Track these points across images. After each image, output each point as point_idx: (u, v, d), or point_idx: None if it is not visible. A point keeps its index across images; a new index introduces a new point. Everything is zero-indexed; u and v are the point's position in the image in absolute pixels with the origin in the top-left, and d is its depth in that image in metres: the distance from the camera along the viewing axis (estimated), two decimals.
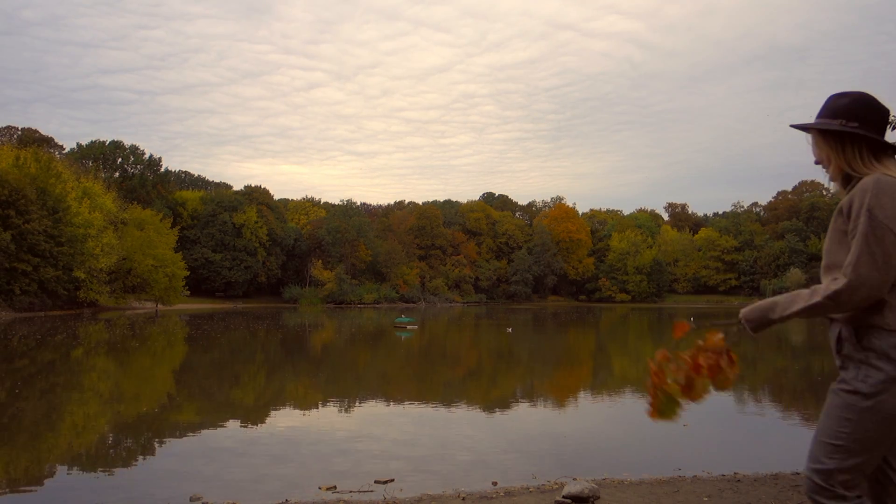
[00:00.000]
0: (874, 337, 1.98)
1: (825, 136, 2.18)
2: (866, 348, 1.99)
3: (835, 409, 2.02)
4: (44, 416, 9.33)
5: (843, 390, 2.02)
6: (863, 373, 1.98)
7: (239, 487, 5.65)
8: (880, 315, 1.97)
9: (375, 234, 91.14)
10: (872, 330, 1.99)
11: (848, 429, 1.97)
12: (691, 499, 4.91)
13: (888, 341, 1.95)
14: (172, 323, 37.12)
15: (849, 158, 2.13)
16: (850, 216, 2.04)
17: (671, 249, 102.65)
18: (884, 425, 1.95)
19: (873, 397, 1.94)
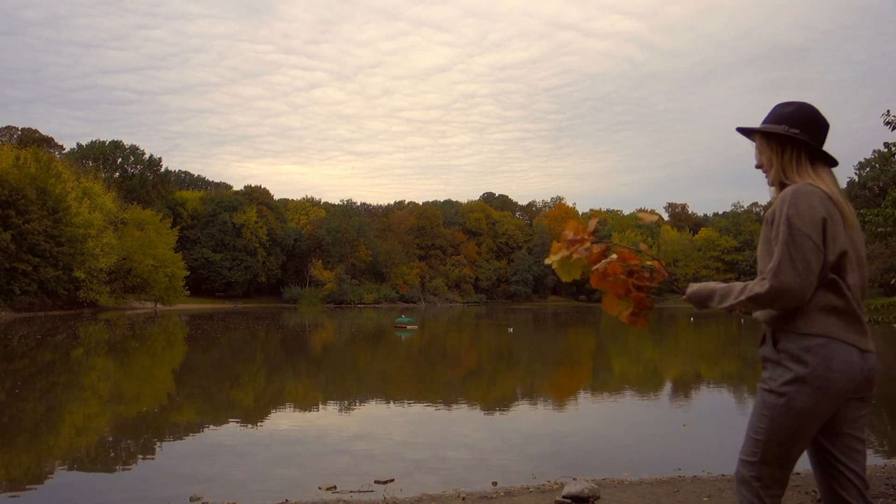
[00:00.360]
0: (786, 339, 2.10)
1: (768, 140, 2.26)
2: (780, 350, 2.11)
3: (757, 406, 2.15)
4: (44, 416, 9.33)
5: (763, 389, 2.14)
6: (777, 373, 2.10)
7: (239, 487, 5.65)
8: (792, 319, 2.09)
9: (375, 234, 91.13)
10: (785, 333, 2.11)
11: (765, 424, 2.10)
12: (691, 499, 4.91)
13: (798, 343, 2.07)
14: (172, 323, 37.11)
15: (785, 164, 2.21)
16: (773, 224, 2.12)
17: (671, 249, 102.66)
18: (796, 422, 2.07)
19: (785, 395, 2.06)
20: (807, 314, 2.07)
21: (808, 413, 2.05)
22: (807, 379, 2.04)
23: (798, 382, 2.04)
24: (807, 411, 2.05)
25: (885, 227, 5.92)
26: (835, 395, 2.06)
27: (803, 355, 2.05)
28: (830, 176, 2.22)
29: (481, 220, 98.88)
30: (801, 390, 2.04)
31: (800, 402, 2.04)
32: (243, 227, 78.27)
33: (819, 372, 2.04)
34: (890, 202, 5.82)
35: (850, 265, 2.11)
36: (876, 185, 61.27)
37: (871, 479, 5.49)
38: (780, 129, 2.22)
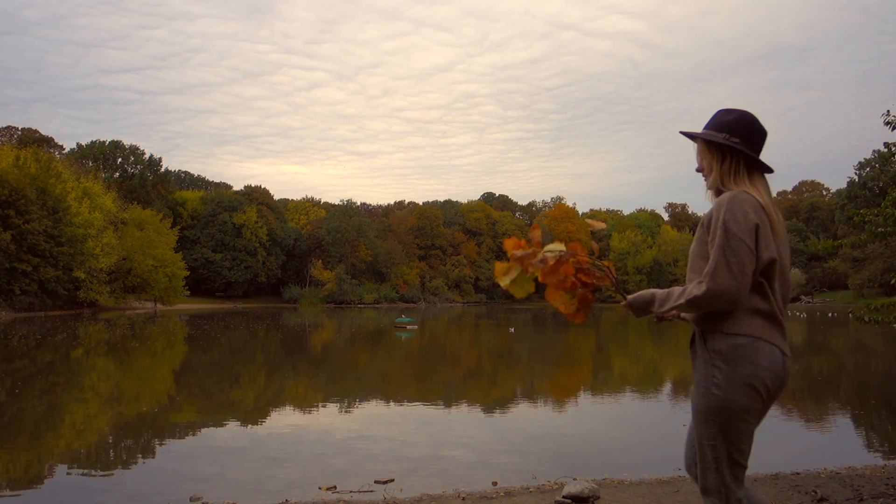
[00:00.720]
0: (715, 340, 2.16)
1: (709, 146, 2.33)
2: (711, 350, 2.17)
3: (696, 409, 2.19)
4: (44, 416, 9.33)
5: (697, 392, 2.19)
6: (710, 373, 2.15)
7: (239, 487, 5.65)
8: (721, 320, 2.16)
9: (375, 234, 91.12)
10: (714, 333, 2.17)
11: (713, 428, 2.14)
12: (691, 499, 4.91)
13: (727, 343, 2.14)
14: (172, 323, 37.12)
15: (724, 172, 2.29)
16: (709, 228, 2.20)
17: (671, 249, 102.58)
18: (736, 420, 2.12)
19: (719, 397, 2.12)
20: (734, 315, 2.15)
21: (746, 409, 2.11)
22: (737, 377, 2.11)
23: (731, 382, 2.11)
24: (742, 408, 2.11)
25: (885, 227, 5.91)
26: (766, 391, 2.13)
27: (731, 354, 2.12)
28: (764, 184, 2.30)
29: (481, 220, 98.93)
30: (733, 388, 2.10)
31: (736, 401, 2.11)
32: (243, 227, 78.27)
33: (746, 370, 2.11)
34: (890, 202, 5.82)
35: (777, 272, 2.20)
36: (876, 185, 61.27)
37: (871, 478, 5.49)
38: (721, 138, 2.29)
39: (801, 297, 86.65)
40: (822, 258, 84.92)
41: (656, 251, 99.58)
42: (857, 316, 6.24)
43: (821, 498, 4.81)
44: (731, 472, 2.18)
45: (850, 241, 6.42)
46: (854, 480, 5.40)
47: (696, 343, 2.25)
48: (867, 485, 5.21)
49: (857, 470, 5.98)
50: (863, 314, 6.14)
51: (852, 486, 5.16)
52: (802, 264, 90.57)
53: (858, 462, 6.45)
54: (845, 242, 6.47)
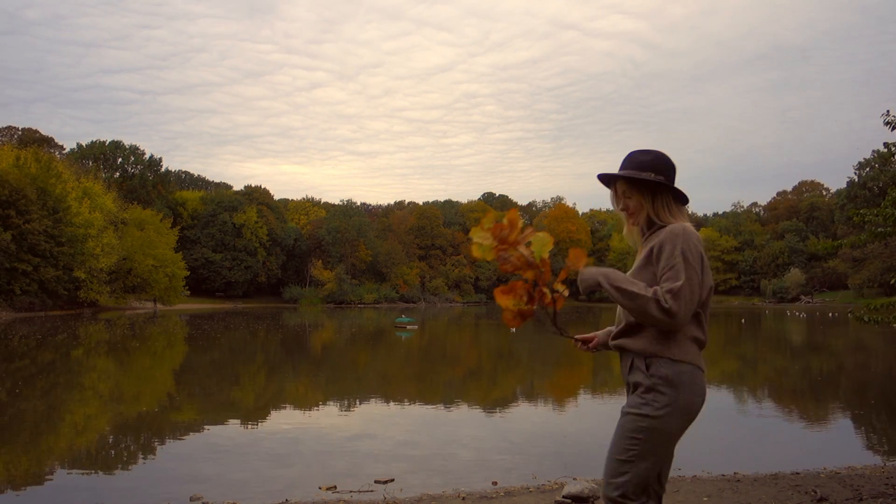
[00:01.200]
0: (661, 366, 2.25)
1: (638, 186, 2.43)
2: (653, 375, 2.24)
3: (627, 430, 2.24)
4: (44, 416, 9.34)
5: (633, 413, 2.25)
6: (650, 397, 2.23)
7: (239, 487, 5.66)
8: (667, 347, 2.26)
9: (375, 234, 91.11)
10: (659, 359, 2.26)
11: (637, 448, 2.21)
12: (691, 498, 4.91)
13: (671, 369, 2.24)
14: (172, 323, 37.12)
15: (658, 208, 2.40)
16: (660, 256, 2.28)
17: None
18: (666, 442, 2.23)
19: (658, 419, 2.20)
20: (679, 343, 2.27)
21: (676, 434, 2.24)
22: (679, 403, 2.22)
23: (671, 406, 2.21)
24: (676, 432, 2.24)
25: (885, 227, 5.92)
26: (694, 416, 2.28)
27: (676, 380, 2.23)
28: (688, 215, 2.46)
29: (481, 220, 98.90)
30: (673, 413, 2.21)
31: (671, 425, 2.21)
32: (243, 227, 78.27)
33: (687, 396, 2.24)
34: (890, 202, 5.82)
35: (708, 301, 2.33)
36: (876, 186, 61.27)
37: (871, 478, 5.49)
38: (650, 177, 2.40)
39: (800, 297, 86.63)
40: (822, 258, 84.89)
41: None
42: (857, 316, 6.24)
43: (821, 498, 4.81)
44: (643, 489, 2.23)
45: (849, 241, 6.42)
46: (854, 480, 5.40)
47: (635, 367, 2.32)
48: (867, 485, 5.22)
49: (857, 470, 5.98)
50: (862, 314, 6.14)
51: (852, 486, 5.16)
52: (802, 264, 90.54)
53: (858, 462, 6.45)
54: (845, 242, 6.48)
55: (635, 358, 2.33)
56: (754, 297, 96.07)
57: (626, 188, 2.46)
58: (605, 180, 2.57)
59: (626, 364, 2.37)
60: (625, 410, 2.29)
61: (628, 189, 2.45)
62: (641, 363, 2.29)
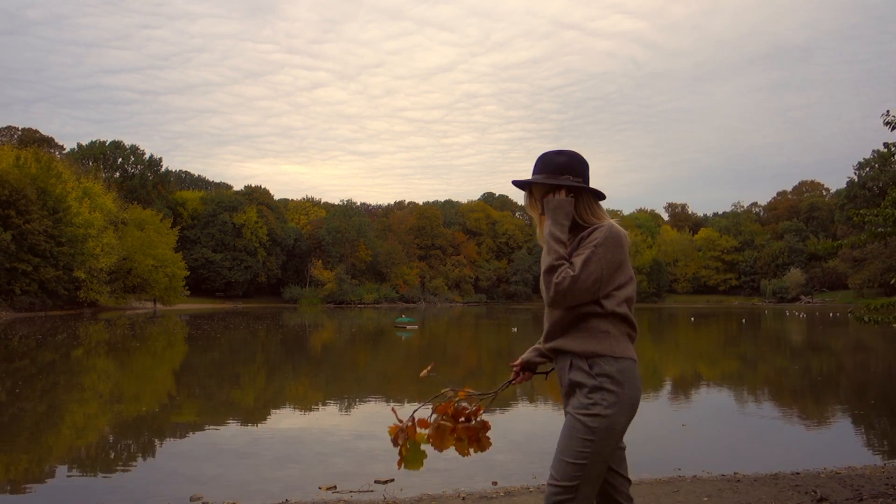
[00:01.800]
0: (604, 363, 2.25)
1: (559, 190, 2.41)
2: (598, 374, 2.24)
3: (574, 431, 2.23)
4: (44, 416, 9.34)
5: (583, 415, 2.23)
6: (598, 397, 2.22)
7: (239, 487, 5.66)
8: (608, 344, 2.27)
9: (375, 234, 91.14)
10: (602, 357, 2.26)
11: (590, 448, 2.20)
12: (691, 499, 4.91)
13: (615, 366, 2.25)
14: (172, 323, 37.12)
15: (582, 209, 2.40)
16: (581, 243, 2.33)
17: (671, 249, 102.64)
18: (614, 440, 2.24)
19: (608, 417, 2.21)
20: (618, 340, 2.29)
21: (622, 430, 2.26)
22: (624, 399, 2.23)
23: (619, 404, 2.22)
24: (622, 429, 2.25)
25: (884, 227, 5.91)
26: (636, 409, 2.30)
27: (620, 377, 2.24)
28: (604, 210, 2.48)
29: (481, 220, 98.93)
30: (620, 410, 2.22)
31: (619, 422, 2.23)
32: (243, 227, 78.31)
33: (630, 391, 2.26)
34: (889, 202, 5.82)
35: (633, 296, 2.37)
36: (875, 186, 61.28)
37: (871, 478, 5.49)
38: (568, 180, 2.40)
39: (800, 297, 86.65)
40: (822, 258, 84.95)
41: (656, 251, 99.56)
42: (857, 316, 6.24)
43: (821, 498, 4.81)
44: (589, 490, 2.25)
45: (849, 242, 6.42)
46: (854, 480, 5.40)
47: (575, 367, 2.30)
48: (867, 485, 5.22)
49: (857, 470, 5.98)
50: (862, 314, 6.14)
51: (852, 486, 5.16)
52: (802, 264, 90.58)
53: (858, 462, 6.45)
54: (845, 242, 6.47)
55: (575, 358, 2.31)
56: (754, 297, 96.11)
57: (544, 192, 2.45)
58: (521, 185, 2.54)
59: (565, 365, 2.35)
60: (572, 413, 2.27)
61: (548, 192, 2.44)
62: (583, 363, 2.28)
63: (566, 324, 2.33)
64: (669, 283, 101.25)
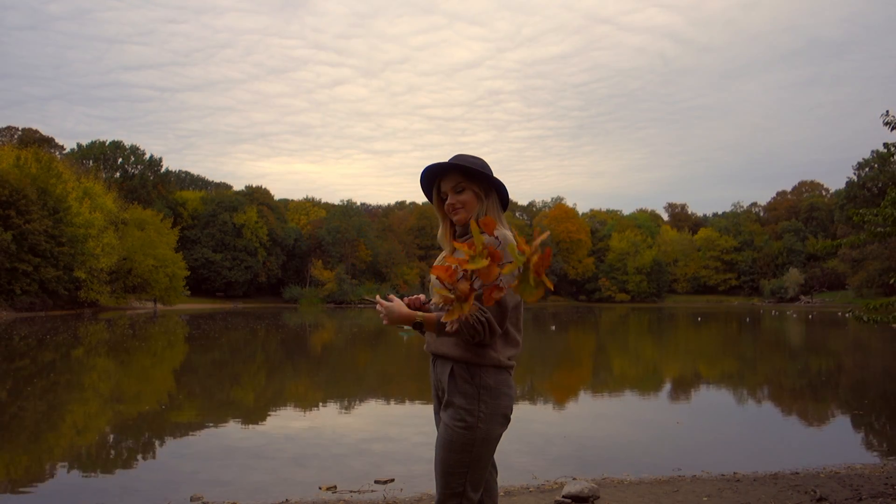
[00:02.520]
0: (485, 374, 2.27)
1: (474, 182, 2.39)
2: (479, 385, 2.26)
3: (457, 444, 2.26)
4: (44, 415, 9.34)
5: (460, 427, 2.26)
6: (475, 408, 2.25)
7: (239, 487, 5.67)
8: (489, 355, 2.28)
9: (375, 234, 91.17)
10: (482, 368, 2.28)
11: (469, 458, 2.25)
12: (691, 498, 4.92)
13: (495, 378, 2.28)
14: (173, 323, 37.13)
15: (489, 208, 2.41)
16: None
17: (671, 249, 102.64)
18: (493, 447, 2.30)
19: (486, 429, 2.25)
20: (497, 350, 2.30)
21: (499, 437, 2.31)
22: (500, 409, 2.28)
23: (495, 413, 2.27)
24: (498, 436, 2.30)
25: (884, 227, 5.92)
26: (509, 420, 2.35)
27: (497, 389, 2.28)
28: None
29: None
30: (495, 419, 2.27)
31: (497, 431, 2.28)
32: (244, 227, 78.32)
33: (506, 401, 2.30)
34: (889, 202, 5.83)
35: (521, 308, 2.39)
36: (875, 186, 61.33)
37: (871, 478, 5.50)
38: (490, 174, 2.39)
39: (800, 298, 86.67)
40: (821, 258, 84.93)
41: (656, 251, 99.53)
42: (856, 316, 6.25)
43: (820, 497, 4.82)
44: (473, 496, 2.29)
45: (848, 241, 6.43)
46: (853, 480, 5.41)
47: (456, 375, 2.29)
48: (866, 484, 5.23)
49: (857, 469, 5.99)
50: (861, 314, 6.15)
51: (851, 486, 5.17)
52: (801, 264, 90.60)
53: (858, 461, 6.46)
54: (844, 242, 6.48)
55: (456, 365, 2.30)
56: (754, 297, 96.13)
57: (457, 182, 2.40)
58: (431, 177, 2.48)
59: (445, 370, 2.34)
60: (449, 424, 2.28)
61: (461, 182, 2.40)
62: (464, 371, 2.29)
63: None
64: (669, 283, 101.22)
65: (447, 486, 2.27)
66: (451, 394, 2.30)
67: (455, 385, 2.29)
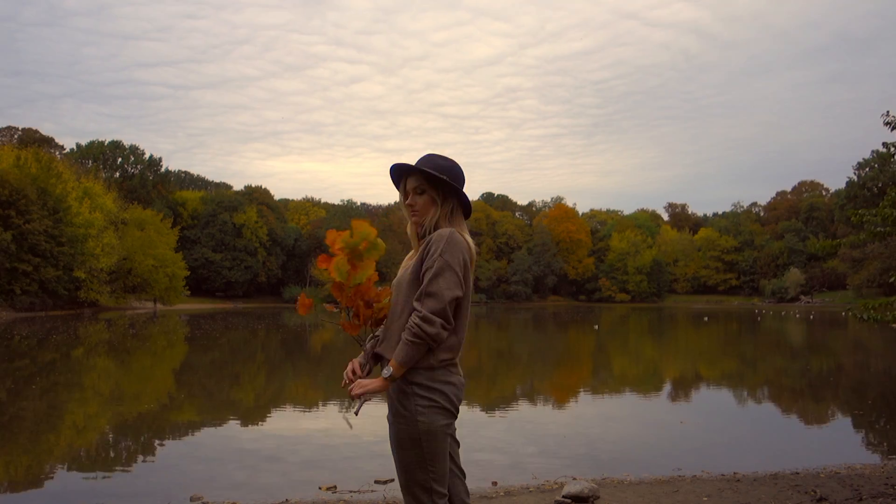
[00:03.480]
0: (414, 374, 2.31)
1: (432, 185, 2.43)
2: (412, 382, 2.31)
3: (403, 439, 2.33)
4: (44, 415, 9.34)
5: (398, 421, 2.33)
6: (409, 401, 2.31)
7: (239, 487, 5.66)
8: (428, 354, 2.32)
9: None
10: (411, 370, 2.31)
11: (422, 452, 2.30)
12: (691, 498, 4.92)
13: (429, 375, 2.31)
14: (173, 323, 37.13)
15: (445, 212, 2.46)
16: (424, 259, 2.39)
17: (671, 249, 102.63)
18: (443, 439, 2.32)
19: (426, 419, 2.28)
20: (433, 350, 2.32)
21: (445, 429, 2.33)
22: (438, 402, 2.30)
23: (432, 406, 2.30)
24: (443, 428, 2.32)
25: (883, 227, 5.92)
26: (457, 409, 2.39)
27: (432, 384, 2.31)
28: (466, 227, 2.54)
29: (481, 220, 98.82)
30: (434, 412, 2.30)
31: (437, 421, 2.30)
32: (243, 227, 78.30)
33: (444, 395, 2.32)
34: (888, 202, 5.83)
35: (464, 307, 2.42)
36: (875, 186, 61.35)
37: (871, 478, 5.50)
38: (445, 179, 2.40)
39: (800, 297, 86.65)
40: (822, 258, 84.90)
41: (656, 251, 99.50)
42: (855, 314, 6.25)
43: (820, 497, 4.82)
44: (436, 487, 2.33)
45: (848, 241, 6.43)
46: (853, 480, 5.41)
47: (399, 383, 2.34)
48: (866, 484, 5.22)
49: (857, 469, 5.99)
50: (861, 313, 6.15)
51: (852, 486, 5.17)
52: (801, 264, 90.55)
53: (858, 461, 6.46)
54: (844, 242, 6.48)
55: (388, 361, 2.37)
56: (754, 297, 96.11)
57: (418, 184, 2.45)
58: (399, 173, 2.54)
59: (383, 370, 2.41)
60: (392, 421, 2.36)
61: (425, 184, 2.44)
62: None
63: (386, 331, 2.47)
64: (669, 282, 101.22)
65: (411, 483, 2.32)
66: (390, 394, 2.39)
67: (393, 386, 2.35)
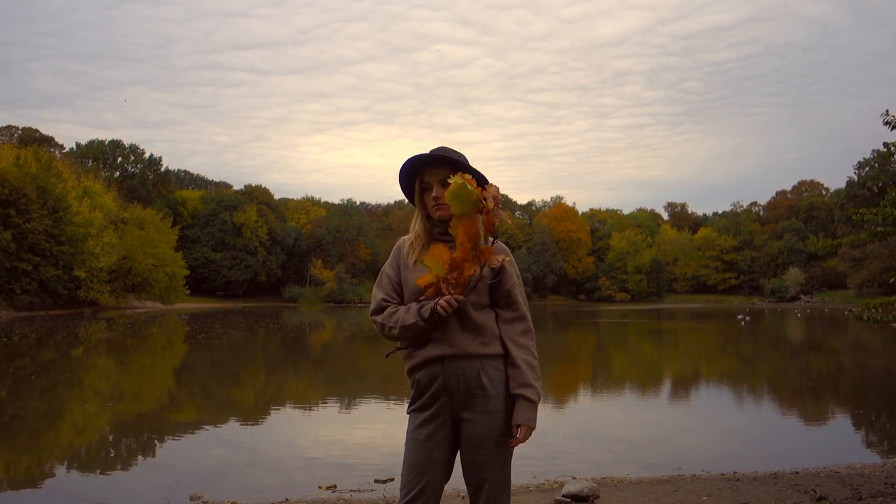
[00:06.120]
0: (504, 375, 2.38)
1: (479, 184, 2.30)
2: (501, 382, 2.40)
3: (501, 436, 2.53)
4: (44, 415, 9.34)
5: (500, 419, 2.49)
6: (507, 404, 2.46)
7: (239, 486, 5.66)
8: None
9: (375, 233, 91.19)
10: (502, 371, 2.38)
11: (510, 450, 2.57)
12: (690, 498, 4.92)
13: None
14: (173, 322, 37.13)
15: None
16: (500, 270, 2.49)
17: (671, 249, 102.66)
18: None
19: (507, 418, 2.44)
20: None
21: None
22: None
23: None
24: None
25: (883, 226, 5.92)
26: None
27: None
28: None
29: None
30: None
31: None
32: (243, 227, 78.34)
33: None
34: (889, 201, 5.82)
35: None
36: (875, 185, 61.35)
37: (871, 478, 5.50)
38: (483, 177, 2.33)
39: (800, 297, 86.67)
40: (822, 258, 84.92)
41: (656, 251, 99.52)
42: (856, 315, 6.25)
43: (820, 497, 4.82)
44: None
45: (848, 241, 6.43)
46: (853, 479, 5.41)
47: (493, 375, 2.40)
48: (866, 484, 5.23)
49: (857, 469, 5.99)
50: (861, 313, 6.15)
51: (851, 486, 5.17)
52: (801, 264, 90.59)
53: (858, 461, 6.46)
54: (844, 241, 6.48)
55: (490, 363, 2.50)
56: (754, 297, 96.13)
57: (447, 175, 2.29)
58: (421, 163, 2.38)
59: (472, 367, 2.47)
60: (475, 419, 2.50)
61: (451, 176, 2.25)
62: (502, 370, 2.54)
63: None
64: (669, 282, 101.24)
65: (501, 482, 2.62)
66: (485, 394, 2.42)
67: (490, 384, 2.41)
